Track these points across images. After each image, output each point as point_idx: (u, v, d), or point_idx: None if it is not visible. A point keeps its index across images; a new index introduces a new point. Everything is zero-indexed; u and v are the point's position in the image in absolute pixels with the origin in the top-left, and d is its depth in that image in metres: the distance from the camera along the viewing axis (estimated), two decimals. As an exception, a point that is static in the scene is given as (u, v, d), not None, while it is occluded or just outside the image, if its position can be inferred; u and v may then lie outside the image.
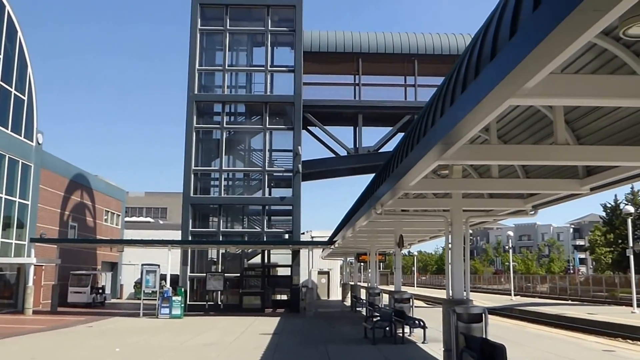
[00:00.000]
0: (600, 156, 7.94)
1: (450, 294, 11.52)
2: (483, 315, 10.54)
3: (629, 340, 19.14)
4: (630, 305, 29.22)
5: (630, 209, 28.51)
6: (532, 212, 12.06)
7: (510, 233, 49.91)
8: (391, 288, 51.74)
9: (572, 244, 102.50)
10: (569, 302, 46.02)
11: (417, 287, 79.19)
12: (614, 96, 5.00)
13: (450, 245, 11.56)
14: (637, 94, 4.86)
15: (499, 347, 8.18)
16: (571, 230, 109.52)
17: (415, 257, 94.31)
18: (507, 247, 63.13)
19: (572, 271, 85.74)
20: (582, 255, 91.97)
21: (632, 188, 76.29)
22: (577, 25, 3.26)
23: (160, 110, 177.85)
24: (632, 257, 29.44)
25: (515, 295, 58.26)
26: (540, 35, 3.48)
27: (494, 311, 32.80)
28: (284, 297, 28.54)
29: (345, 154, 30.02)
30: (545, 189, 10.36)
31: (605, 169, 8.67)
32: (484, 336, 10.12)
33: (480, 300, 43.19)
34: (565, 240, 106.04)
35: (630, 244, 29.84)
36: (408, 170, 8.26)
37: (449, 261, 11.61)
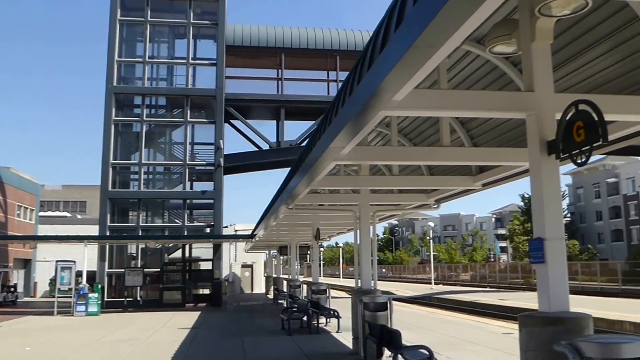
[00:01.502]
0: (489, 157, 8.60)
1: (359, 285, 12.07)
2: (388, 303, 11.07)
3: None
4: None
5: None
6: (435, 206, 12.77)
7: (432, 224, 51.44)
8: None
9: (494, 233, 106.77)
10: (487, 289, 48.28)
11: (342, 278, 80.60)
12: (468, 109, 5.51)
13: (359, 238, 12.08)
14: (487, 107, 5.40)
15: (395, 332, 8.78)
16: (493, 219, 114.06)
17: (341, 249, 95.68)
18: (427, 237, 65.16)
19: (492, 259, 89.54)
20: (503, 244, 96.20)
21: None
22: (418, 57, 3.72)
23: (79, 99, 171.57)
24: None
25: (438, 284, 60.53)
26: (393, 62, 3.91)
27: (414, 300, 34.08)
28: (206, 291, 28.47)
29: (268, 147, 30.21)
30: (444, 185, 11.04)
31: (494, 167, 9.36)
32: (389, 324, 10.66)
33: (403, 290, 44.65)
34: (487, 229, 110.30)
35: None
36: (310, 168, 8.62)
37: (358, 253, 12.13)
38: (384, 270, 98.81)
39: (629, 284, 42.97)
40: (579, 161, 4.83)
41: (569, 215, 78.91)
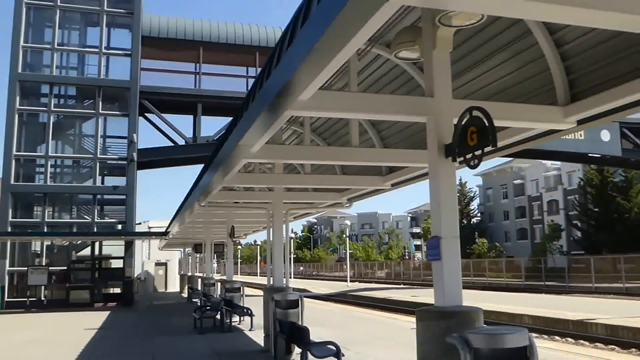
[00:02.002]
0: (397, 158, 8.88)
1: (272, 282, 12.13)
2: (299, 301, 11.19)
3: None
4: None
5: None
6: (348, 205, 13.05)
7: (348, 222, 52.26)
8: (235, 278, 51.75)
9: (409, 232, 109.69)
10: (402, 286, 49.68)
11: (260, 276, 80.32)
12: (373, 111, 5.71)
13: (272, 236, 12.15)
14: (391, 110, 5.62)
15: (303, 329, 8.91)
16: (409, 218, 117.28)
17: (259, 247, 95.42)
18: (344, 235, 66.18)
19: (407, 257, 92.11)
20: (418, 242, 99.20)
21: (460, 179, 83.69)
22: (321, 58, 3.83)
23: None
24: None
25: (354, 281, 61.64)
26: (298, 61, 4.00)
27: (329, 297, 34.54)
28: (117, 290, 27.59)
29: (184, 143, 29.67)
30: (356, 185, 11.30)
31: (402, 168, 9.69)
32: (300, 321, 10.78)
33: (319, 288, 45.18)
34: (403, 228, 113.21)
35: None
36: (221, 165, 8.59)
37: (271, 251, 12.20)
38: (302, 268, 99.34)
39: (531, 279, 45.57)
40: (472, 164, 5.11)
41: (478, 214, 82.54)
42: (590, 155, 36.92)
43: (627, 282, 36.17)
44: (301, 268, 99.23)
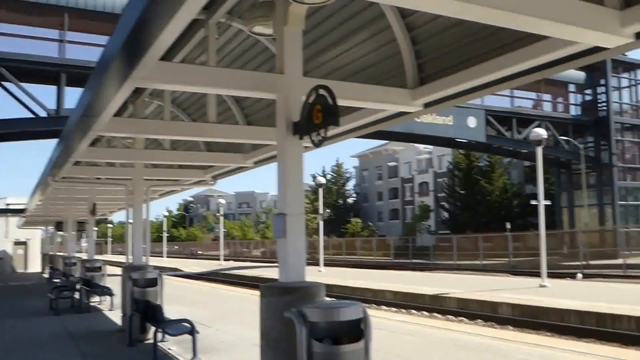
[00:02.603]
0: (259, 135, 8.81)
1: (130, 260, 11.71)
2: (158, 279, 10.88)
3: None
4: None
5: (322, 180, 31.97)
6: (212, 182, 12.86)
7: (223, 201, 51.70)
8: (103, 257, 49.64)
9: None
10: (276, 264, 50.02)
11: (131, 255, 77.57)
12: (223, 86, 5.62)
13: (131, 213, 11.70)
14: (242, 85, 5.56)
15: (157, 307, 8.74)
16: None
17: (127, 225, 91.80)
18: (217, 214, 65.49)
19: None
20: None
21: (337, 160, 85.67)
22: (153, 29, 3.67)
23: None
24: (321, 222, 33.26)
25: (229, 260, 61.31)
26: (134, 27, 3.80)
27: (200, 276, 34.08)
28: (-34, 270, 25.39)
29: (46, 115, 27.67)
30: (220, 162, 11.14)
31: (265, 146, 9.66)
32: (159, 299, 10.50)
33: (192, 267, 44.45)
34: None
35: (320, 211, 33.59)
36: (70, 138, 8.08)
37: (130, 229, 11.76)
38: (176, 247, 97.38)
39: (400, 257, 47.88)
40: (317, 142, 5.18)
41: (354, 195, 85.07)
42: (457, 140, 39.22)
43: (485, 260, 39.08)
44: (176, 247, 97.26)
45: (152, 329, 9.38)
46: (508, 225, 41.29)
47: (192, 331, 8.20)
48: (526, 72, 5.21)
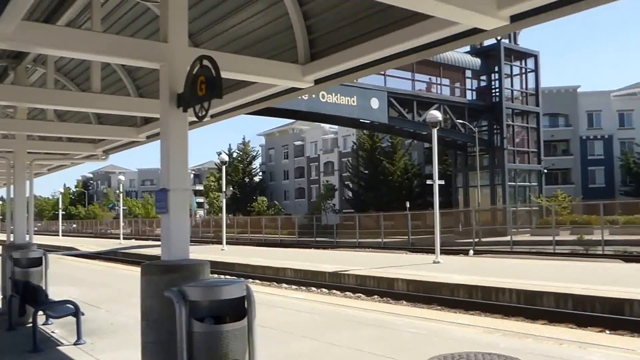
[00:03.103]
0: (152, 108, 8.42)
1: (12, 239, 10.98)
2: (43, 258, 10.28)
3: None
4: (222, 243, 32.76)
5: (225, 157, 31.47)
6: (104, 157, 12.27)
7: (122, 177, 49.76)
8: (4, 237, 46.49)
9: (192, 189, 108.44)
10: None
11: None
12: (98, 52, 5.30)
13: (13, 188, 10.94)
14: (121, 53, 5.27)
15: (37, 288, 8.31)
16: (192, 176, 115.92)
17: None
18: (117, 191, 63.21)
19: (189, 215, 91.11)
20: (201, 200, 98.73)
21: (243, 138, 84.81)
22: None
23: None
24: (224, 200, 32.86)
25: (131, 238, 59.45)
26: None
27: (98, 255, 32.77)
28: None
29: None
30: (111, 136, 10.60)
31: (156, 119, 9.26)
32: (43, 280, 9.93)
33: (90, 245, 42.65)
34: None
35: (223, 189, 33.17)
36: None
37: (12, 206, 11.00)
38: (75, 225, 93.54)
39: (305, 235, 48.39)
40: (200, 115, 5.00)
41: (260, 173, 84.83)
42: (361, 120, 39.87)
43: (386, 238, 40.29)
44: (74, 225, 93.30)
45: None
46: (407, 205, 42.70)
47: (76, 313, 7.82)
48: (412, 50, 5.27)
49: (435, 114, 21.12)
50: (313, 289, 16.54)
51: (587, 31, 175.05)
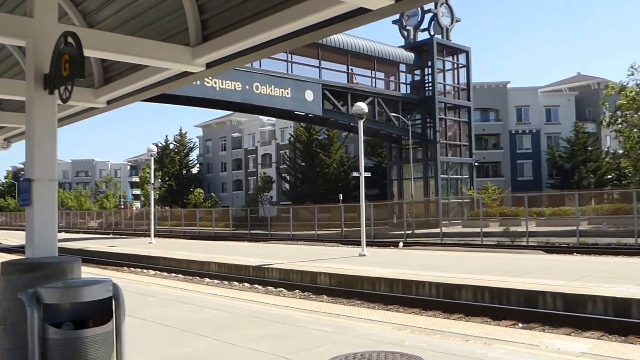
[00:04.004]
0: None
1: None
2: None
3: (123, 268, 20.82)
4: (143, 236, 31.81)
5: (153, 148, 30.46)
6: (5, 146, 11.44)
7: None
8: None
9: (128, 181, 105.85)
10: (110, 236, 47.52)
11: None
12: None
13: None
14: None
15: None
16: (128, 167, 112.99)
17: None
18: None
19: (124, 207, 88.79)
20: (138, 191, 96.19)
21: (180, 129, 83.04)
22: None
23: None
24: (152, 192, 31.86)
25: (61, 231, 57.19)
26: None
27: (18, 249, 31.15)
28: None
29: None
30: (12, 123, 9.85)
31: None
32: None
33: (12, 239, 40.64)
34: (123, 177, 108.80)
35: (152, 180, 32.16)
36: None
37: None
38: (3, 218, 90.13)
39: (240, 228, 47.75)
40: (64, 97, 4.55)
41: (198, 165, 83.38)
42: (296, 112, 39.56)
43: (321, 230, 40.23)
44: (3, 218, 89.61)
45: None
46: (341, 197, 42.72)
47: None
48: (303, 31, 4.98)
49: (361, 106, 20.95)
50: (235, 283, 16.12)
51: (515, 28, 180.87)
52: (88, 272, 17.05)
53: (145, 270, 20.19)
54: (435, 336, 7.19)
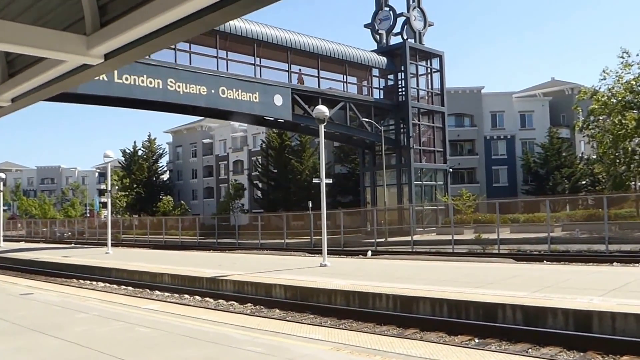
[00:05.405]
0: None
1: None
2: None
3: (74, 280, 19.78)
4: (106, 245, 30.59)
5: (110, 154, 29.25)
6: None
7: (3, 175, 45.73)
8: None
9: (97, 188, 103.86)
10: (72, 245, 45.99)
11: None
12: None
13: None
14: None
15: None
16: (97, 174, 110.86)
17: None
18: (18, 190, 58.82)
19: (90, 215, 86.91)
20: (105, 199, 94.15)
21: (149, 135, 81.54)
22: None
23: None
24: (109, 200, 30.73)
25: (21, 240, 55.56)
26: None
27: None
28: None
29: None
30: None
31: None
32: None
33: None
34: (90, 184, 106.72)
35: (108, 187, 31.00)
36: None
37: None
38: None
39: (209, 237, 46.61)
40: None
41: (168, 172, 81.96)
42: (265, 118, 38.71)
43: (291, 238, 39.37)
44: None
45: None
46: (310, 204, 41.76)
47: None
48: (204, 11, 4.25)
49: (322, 109, 20.19)
50: (186, 296, 15.25)
51: (489, 33, 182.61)
52: (27, 285, 16.04)
53: (94, 283, 19.19)
54: (375, 357, 6.50)
